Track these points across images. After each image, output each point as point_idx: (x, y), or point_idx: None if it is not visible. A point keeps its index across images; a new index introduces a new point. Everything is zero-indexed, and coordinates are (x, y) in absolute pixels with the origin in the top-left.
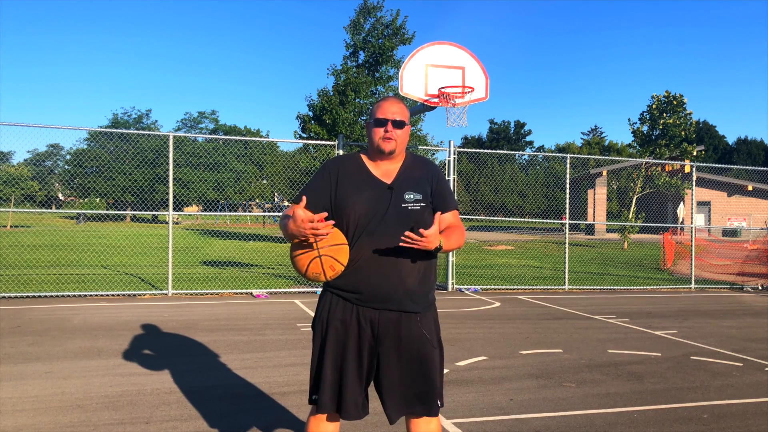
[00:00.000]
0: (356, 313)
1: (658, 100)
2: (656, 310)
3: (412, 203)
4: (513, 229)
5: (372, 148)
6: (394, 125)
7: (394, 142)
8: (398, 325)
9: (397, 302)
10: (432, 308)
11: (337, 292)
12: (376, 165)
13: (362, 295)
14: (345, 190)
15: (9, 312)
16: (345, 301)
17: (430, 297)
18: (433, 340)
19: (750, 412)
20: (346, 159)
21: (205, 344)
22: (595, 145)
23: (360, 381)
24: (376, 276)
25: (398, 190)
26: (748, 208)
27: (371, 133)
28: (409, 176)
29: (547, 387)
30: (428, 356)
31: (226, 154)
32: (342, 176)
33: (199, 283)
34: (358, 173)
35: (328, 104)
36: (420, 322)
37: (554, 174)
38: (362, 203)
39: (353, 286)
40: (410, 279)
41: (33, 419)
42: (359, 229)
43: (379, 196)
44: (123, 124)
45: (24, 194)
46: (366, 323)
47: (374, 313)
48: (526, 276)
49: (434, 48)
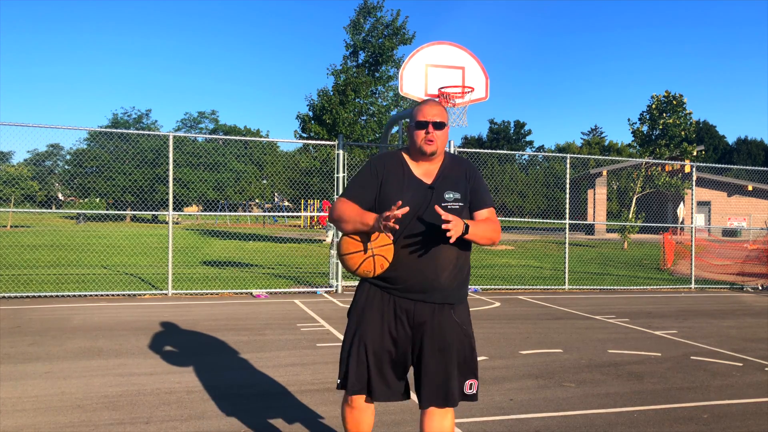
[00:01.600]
0: (393, 303)
1: (658, 100)
2: (656, 310)
3: (452, 202)
4: (513, 229)
5: (414, 149)
6: (435, 127)
7: (435, 144)
8: (433, 315)
9: (432, 295)
10: (465, 301)
11: (376, 282)
12: (417, 165)
13: (400, 287)
14: (389, 189)
15: (9, 312)
16: (383, 292)
17: (464, 291)
18: (466, 330)
19: (750, 412)
20: (389, 157)
21: (205, 344)
22: (595, 145)
23: (393, 366)
24: (414, 270)
25: (439, 189)
26: (748, 208)
27: (413, 135)
28: (448, 176)
29: (547, 387)
30: (459, 344)
31: (226, 154)
32: (387, 175)
33: (199, 283)
34: (401, 173)
35: (328, 104)
36: (454, 313)
37: (554, 174)
38: (405, 203)
39: (392, 279)
40: (445, 274)
41: (33, 419)
42: (401, 227)
43: (421, 196)
44: (123, 124)
45: (24, 194)
46: (402, 313)
47: (410, 303)
48: (526, 276)
49: (434, 48)
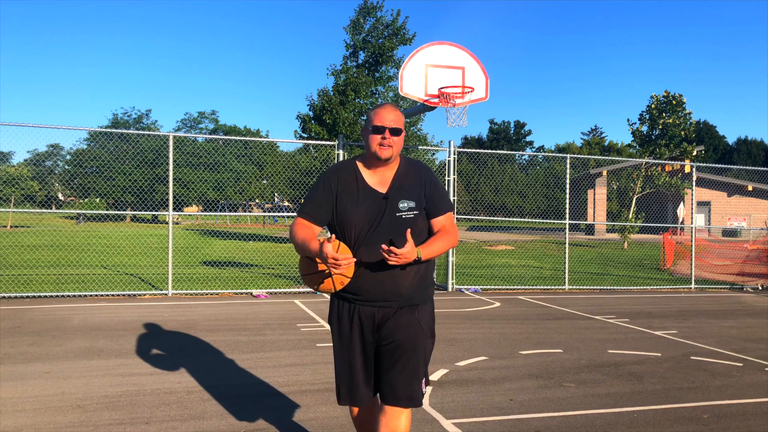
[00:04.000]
0: (357, 312)
1: (658, 101)
2: (656, 310)
3: (406, 212)
4: (513, 229)
5: (369, 154)
6: (392, 133)
7: (391, 149)
8: (395, 316)
9: (395, 302)
10: (429, 302)
11: (340, 294)
12: (372, 173)
13: (362, 296)
14: (345, 204)
15: (9, 312)
16: (348, 303)
17: (428, 293)
18: (426, 331)
19: (750, 412)
20: (343, 169)
21: (205, 344)
22: (595, 145)
23: (369, 371)
24: (375, 281)
25: (393, 199)
26: (748, 208)
27: (368, 139)
28: (403, 184)
29: (547, 387)
30: (418, 344)
31: (226, 154)
32: (341, 189)
33: (199, 283)
34: (355, 185)
35: (328, 104)
36: (417, 313)
37: (554, 174)
38: (361, 216)
39: (355, 290)
40: (405, 283)
41: (33, 419)
42: (359, 240)
43: (376, 207)
44: (123, 124)
45: (24, 194)
46: (366, 319)
47: (373, 309)
48: (526, 276)
49: (434, 48)
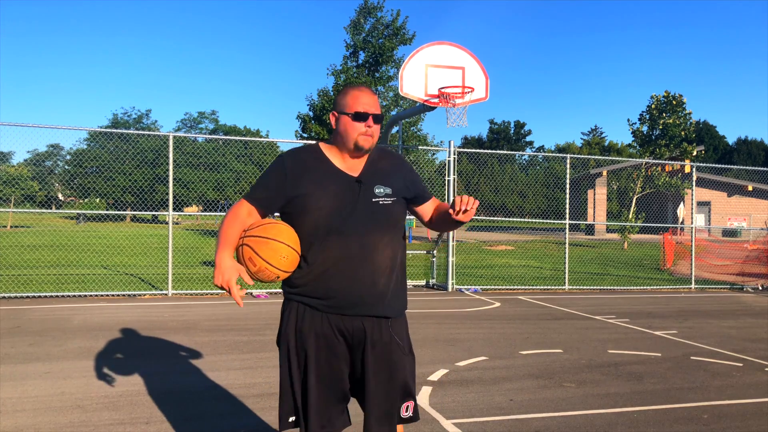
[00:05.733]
0: (328, 323)
1: (658, 101)
2: (656, 310)
3: (383, 197)
4: (513, 229)
5: (344, 143)
6: (375, 120)
7: (373, 139)
8: (370, 331)
9: (369, 306)
10: (403, 314)
11: (304, 300)
12: (342, 158)
13: (332, 300)
14: (306, 186)
15: (9, 312)
16: (313, 310)
17: (402, 300)
18: (404, 347)
19: (750, 412)
20: (304, 151)
21: (205, 344)
22: (595, 146)
23: (345, 395)
24: (347, 278)
25: (367, 183)
26: (748, 208)
27: (346, 126)
28: (377, 169)
29: (547, 387)
30: (399, 364)
31: (226, 154)
32: (302, 170)
33: (199, 283)
34: (320, 166)
35: (328, 104)
36: (391, 328)
37: (554, 174)
38: (328, 199)
39: (322, 292)
40: (382, 280)
41: (33, 419)
42: (327, 228)
43: (347, 191)
44: (123, 124)
45: (24, 194)
46: (339, 334)
47: (345, 320)
48: (526, 276)
49: (434, 48)
